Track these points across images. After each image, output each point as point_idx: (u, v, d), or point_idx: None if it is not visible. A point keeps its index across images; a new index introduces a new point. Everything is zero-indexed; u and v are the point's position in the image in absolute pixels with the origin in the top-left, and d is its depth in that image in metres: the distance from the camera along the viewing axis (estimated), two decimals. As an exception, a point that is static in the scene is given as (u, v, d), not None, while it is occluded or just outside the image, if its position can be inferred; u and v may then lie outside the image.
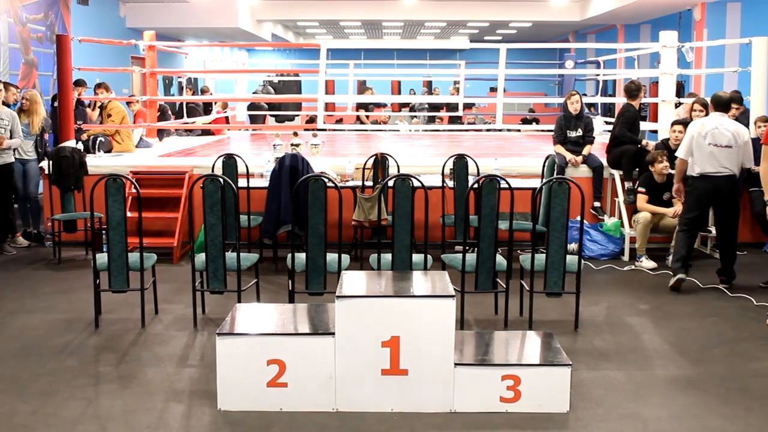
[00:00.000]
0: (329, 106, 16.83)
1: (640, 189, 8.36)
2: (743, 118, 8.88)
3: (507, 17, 22.66)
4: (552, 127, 9.99)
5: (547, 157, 8.72)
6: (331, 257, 5.94)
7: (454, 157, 8.21)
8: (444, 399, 4.53)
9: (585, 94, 17.95)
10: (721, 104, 7.43)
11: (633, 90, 9.15)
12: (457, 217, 7.86)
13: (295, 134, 8.77)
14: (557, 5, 20.56)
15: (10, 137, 8.68)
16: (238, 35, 22.08)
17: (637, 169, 8.84)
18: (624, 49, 15.48)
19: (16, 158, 9.04)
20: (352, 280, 4.91)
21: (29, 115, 9.24)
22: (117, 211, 6.00)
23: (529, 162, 9.76)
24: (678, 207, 8.13)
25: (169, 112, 13.73)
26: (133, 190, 6.90)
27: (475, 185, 6.10)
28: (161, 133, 12.73)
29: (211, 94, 16.67)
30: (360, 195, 7.68)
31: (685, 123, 8.64)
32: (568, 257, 6.02)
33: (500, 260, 6.08)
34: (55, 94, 10.42)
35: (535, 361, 4.72)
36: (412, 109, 19.51)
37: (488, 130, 16.18)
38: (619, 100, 14.19)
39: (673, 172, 8.31)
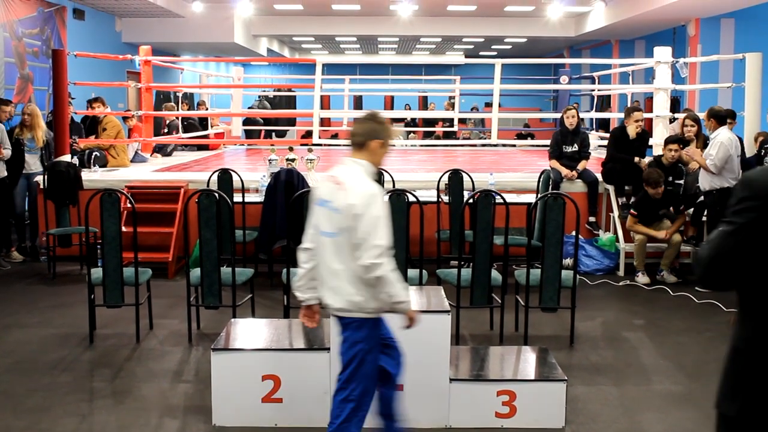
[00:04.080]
0: (325, 121, 16.85)
1: (632, 211, 8.36)
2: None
3: (502, 33, 22.73)
4: (547, 142, 10.02)
5: (542, 172, 8.74)
6: (327, 272, 5.93)
7: (449, 172, 8.22)
8: (439, 414, 4.52)
9: (578, 103, 18.01)
10: (731, 117, 8.21)
11: (624, 112, 9.27)
12: (453, 232, 7.87)
13: (291, 149, 8.78)
14: (552, 21, 20.64)
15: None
16: (234, 50, 22.12)
17: (630, 187, 8.88)
18: (619, 65, 15.53)
19: (24, 172, 9.10)
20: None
21: (32, 130, 9.26)
22: (112, 226, 6.00)
23: (525, 177, 9.78)
24: (671, 228, 8.17)
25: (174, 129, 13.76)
26: (129, 205, 6.90)
27: (471, 200, 6.11)
28: (163, 149, 12.78)
29: (206, 108, 16.69)
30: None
31: (679, 141, 8.66)
32: (564, 272, 6.03)
33: (495, 275, 6.08)
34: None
35: (531, 376, 4.72)
36: (407, 124, 19.56)
37: (483, 145, 16.21)
38: (614, 116, 14.28)
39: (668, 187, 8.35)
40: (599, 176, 9.14)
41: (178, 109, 14.55)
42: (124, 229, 6.57)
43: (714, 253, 2.31)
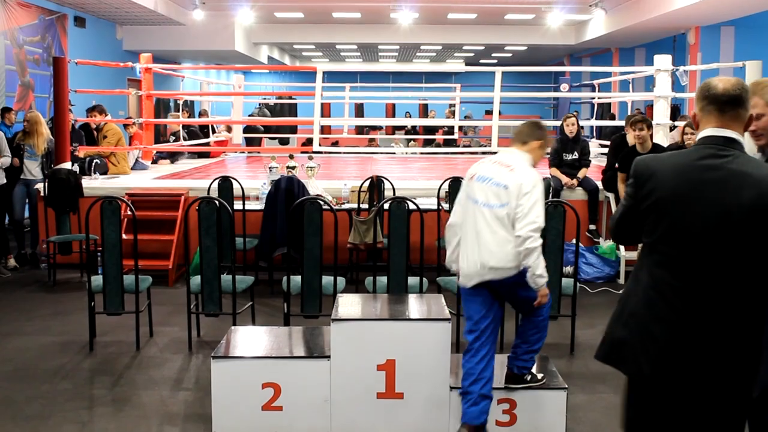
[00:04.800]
0: (325, 129, 16.87)
1: (617, 166, 8.31)
2: None
3: (502, 41, 22.78)
4: (547, 150, 10.01)
5: (542, 180, 8.72)
6: (327, 280, 5.94)
7: (449, 180, 8.22)
8: (439, 422, 4.51)
9: (578, 111, 18.04)
10: None
11: (625, 120, 9.25)
12: (453, 240, 7.84)
13: (291, 157, 8.79)
14: (552, 29, 20.68)
15: None
16: (235, 58, 22.16)
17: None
18: (619, 73, 15.57)
19: (21, 179, 9.11)
20: (348, 303, 4.90)
21: (31, 137, 9.27)
22: (112, 233, 6.00)
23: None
24: None
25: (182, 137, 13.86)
26: (129, 212, 6.90)
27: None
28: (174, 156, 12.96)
29: (208, 117, 16.71)
30: (356, 218, 7.69)
31: (679, 149, 8.65)
32: (564, 280, 6.02)
33: (496, 283, 6.06)
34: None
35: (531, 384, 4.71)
36: (408, 132, 19.58)
37: (484, 153, 16.22)
38: (613, 123, 14.28)
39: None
40: (599, 184, 9.14)
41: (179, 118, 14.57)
42: (124, 236, 6.58)
43: (615, 217, 2.99)
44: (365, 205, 8.20)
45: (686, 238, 2.70)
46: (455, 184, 8.17)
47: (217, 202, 5.98)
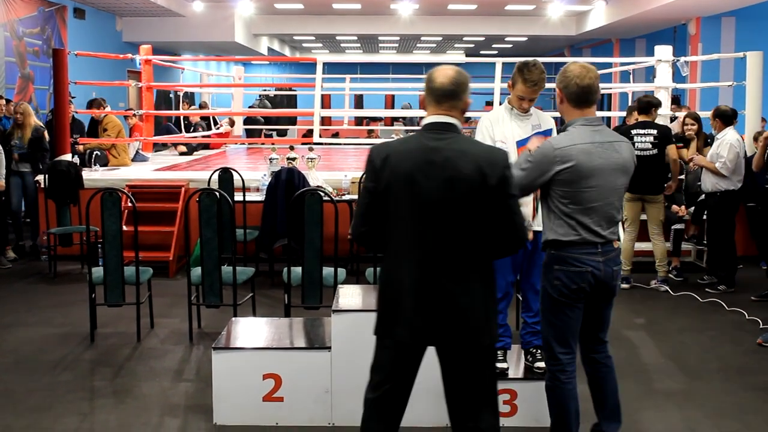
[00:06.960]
0: (325, 120, 16.86)
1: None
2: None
3: (503, 32, 22.74)
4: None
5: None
6: (327, 271, 5.94)
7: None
8: (440, 413, 4.50)
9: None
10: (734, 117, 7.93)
11: (627, 110, 9.25)
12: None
13: (291, 148, 8.78)
14: (553, 20, 20.65)
15: None
16: (235, 49, 22.12)
17: None
18: (619, 63, 15.53)
19: (13, 170, 9.07)
20: (349, 294, 4.91)
21: (21, 129, 9.25)
22: (113, 225, 6.00)
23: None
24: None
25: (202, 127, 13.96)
26: (129, 204, 6.90)
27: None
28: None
29: (208, 109, 16.69)
30: (356, 209, 7.68)
31: (679, 140, 8.63)
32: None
33: (496, 274, 6.06)
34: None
35: (531, 375, 4.71)
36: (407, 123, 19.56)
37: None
38: (614, 114, 14.26)
39: None
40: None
41: (179, 109, 14.56)
42: (125, 228, 6.57)
43: (359, 212, 3.30)
44: (366, 197, 8.17)
45: (420, 213, 3.07)
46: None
47: (217, 194, 5.98)
